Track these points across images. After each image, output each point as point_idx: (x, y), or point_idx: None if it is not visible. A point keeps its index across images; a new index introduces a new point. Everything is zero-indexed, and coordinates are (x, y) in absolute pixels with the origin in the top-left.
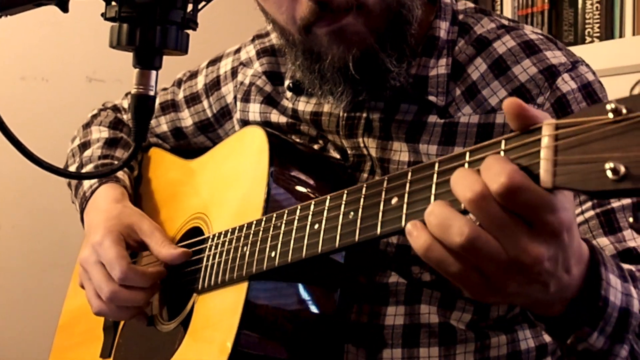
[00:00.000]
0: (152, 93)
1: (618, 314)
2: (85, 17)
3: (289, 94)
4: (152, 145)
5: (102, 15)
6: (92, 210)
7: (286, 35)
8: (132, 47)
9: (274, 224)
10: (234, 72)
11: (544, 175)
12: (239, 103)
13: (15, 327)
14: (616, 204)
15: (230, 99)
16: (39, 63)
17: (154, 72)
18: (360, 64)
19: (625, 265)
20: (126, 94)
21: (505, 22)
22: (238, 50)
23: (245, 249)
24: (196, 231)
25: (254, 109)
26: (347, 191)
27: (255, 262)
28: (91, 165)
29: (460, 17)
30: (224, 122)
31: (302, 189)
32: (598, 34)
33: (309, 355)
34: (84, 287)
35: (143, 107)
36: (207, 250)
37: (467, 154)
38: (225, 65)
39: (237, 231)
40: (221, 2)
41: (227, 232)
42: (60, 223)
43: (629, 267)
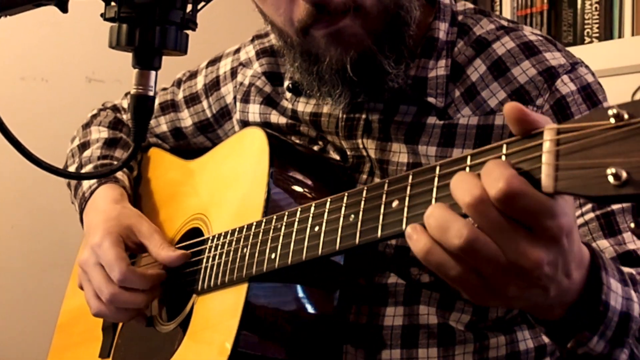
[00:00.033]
0: (151, 93)
1: (618, 318)
2: (84, 18)
3: (288, 95)
4: (151, 145)
5: (102, 15)
6: (91, 210)
7: (284, 37)
8: (131, 47)
9: (274, 226)
10: (234, 73)
11: (546, 180)
12: (238, 104)
13: (14, 327)
14: (616, 207)
15: (229, 99)
16: (39, 63)
17: (153, 73)
18: (357, 65)
19: (625, 269)
20: (126, 94)
21: (505, 23)
22: (237, 51)
23: (245, 250)
24: (196, 232)
25: (254, 109)
26: (347, 194)
27: (255, 264)
28: (90, 166)
29: (460, 18)
30: (223, 122)
31: (301, 190)
32: (597, 35)
33: (308, 356)
34: (82, 288)
35: (142, 107)
36: (207, 251)
37: (468, 158)
38: (225, 66)
39: (237, 232)
40: (220, 3)
41: (227, 233)
42: (59, 223)
43: (630, 271)
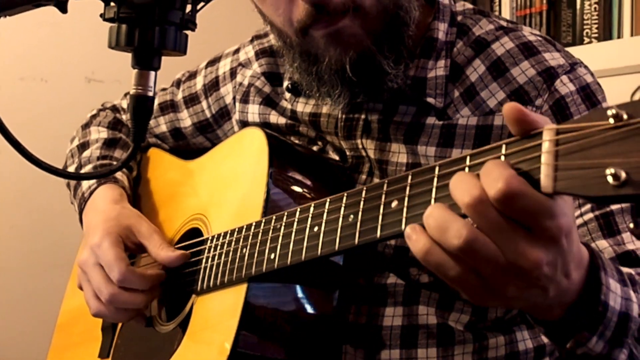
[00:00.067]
0: (150, 94)
1: (617, 318)
2: (84, 18)
3: (287, 95)
4: (151, 145)
5: (101, 16)
6: (90, 211)
7: (283, 38)
8: (130, 47)
9: (274, 226)
10: (233, 73)
11: (545, 180)
12: (238, 104)
13: (14, 327)
14: (615, 207)
15: (229, 99)
16: (38, 63)
17: (152, 73)
18: (357, 66)
19: (624, 269)
20: (125, 94)
21: (504, 23)
22: (237, 51)
23: (245, 250)
24: (195, 232)
25: (253, 109)
26: (346, 194)
27: (254, 264)
28: (90, 166)
29: (459, 18)
30: (222, 122)
31: (301, 191)
32: (596, 35)
33: (307, 356)
34: (82, 288)
35: (142, 107)
36: (207, 251)
37: (468, 158)
38: (224, 66)
39: (237, 233)
40: (220, 3)
41: (226, 233)
42: (59, 223)
43: (629, 271)
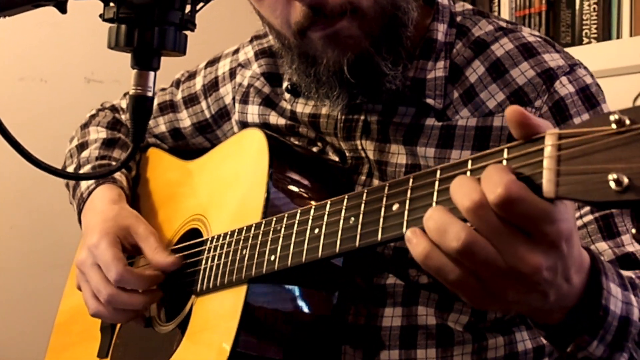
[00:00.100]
0: (150, 94)
1: (618, 322)
2: (83, 18)
3: (287, 96)
4: (150, 145)
5: (101, 16)
6: (89, 211)
7: (282, 39)
8: (130, 48)
9: (274, 228)
10: (232, 73)
11: (547, 185)
12: (237, 104)
13: (14, 327)
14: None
15: (228, 100)
16: (38, 64)
17: (152, 73)
18: (355, 67)
19: (625, 273)
20: (125, 94)
21: (504, 24)
22: (236, 51)
23: (245, 252)
24: (195, 233)
25: (253, 110)
26: (347, 196)
27: (254, 266)
28: (89, 166)
29: (458, 19)
30: (222, 123)
31: (301, 192)
32: (595, 35)
33: (306, 357)
34: (80, 288)
35: (141, 107)
36: (206, 252)
37: (469, 162)
38: (224, 66)
39: (237, 234)
40: (219, 3)
41: (226, 234)
42: (58, 223)
43: (629, 275)
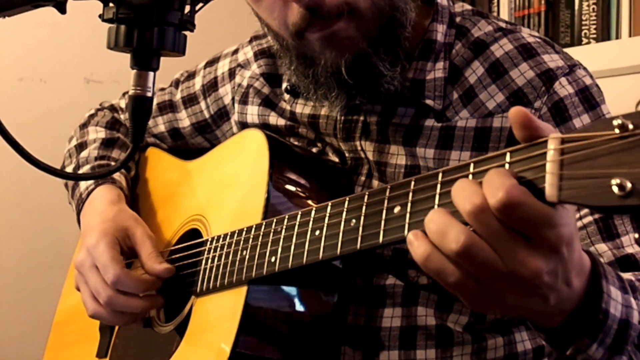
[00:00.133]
0: (149, 94)
1: (618, 325)
2: (83, 19)
3: (286, 96)
4: (149, 144)
5: (100, 16)
6: (88, 211)
7: (280, 40)
8: (129, 48)
9: (275, 229)
10: (232, 74)
11: (549, 189)
12: (236, 105)
13: (13, 328)
14: None
15: (227, 100)
16: (37, 64)
17: (151, 73)
18: (352, 68)
19: (625, 275)
20: (123, 94)
21: (503, 24)
22: (236, 52)
23: (245, 253)
24: (194, 233)
25: (252, 111)
26: (348, 198)
27: (255, 267)
28: (88, 166)
29: (458, 19)
30: (221, 123)
31: (301, 192)
32: (594, 36)
33: (306, 358)
34: (79, 289)
35: (141, 108)
36: (206, 253)
37: (471, 165)
38: (223, 67)
39: (237, 235)
40: (218, 4)
41: (226, 235)
42: (58, 224)
43: (629, 277)
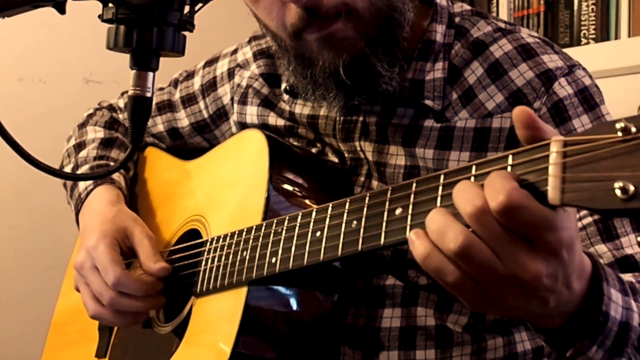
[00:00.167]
0: (149, 94)
1: (618, 328)
2: (82, 19)
3: (286, 97)
4: (148, 144)
5: (99, 17)
6: (87, 212)
7: (278, 41)
8: (129, 48)
9: (275, 230)
10: (231, 74)
11: (552, 192)
12: (236, 105)
13: (12, 328)
14: None
15: (226, 100)
16: (37, 64)
17: (150, 74)
18: (350, 69)
19: (625, 277)
20: (122, 93)
21: (502, 25)
22: (235, 52)
23: (245, 253)
24: (194, 233)
25: (252, 111)
26: (349, 200)
27: (255, 268)
28: (87, 166)
29: (457, 20)
30: (220, 123)
31: (301, 193)
32: (594, 36)
33: (306, 358)
34: (79, 290)
35: (140, 108)
36: (206, 253)
37: (473, 168)
38: (222, 67)
39: (237, 235)
40: (217, 4)
41: (226, 236)
42: (57, 224)
43: (630, 279)
